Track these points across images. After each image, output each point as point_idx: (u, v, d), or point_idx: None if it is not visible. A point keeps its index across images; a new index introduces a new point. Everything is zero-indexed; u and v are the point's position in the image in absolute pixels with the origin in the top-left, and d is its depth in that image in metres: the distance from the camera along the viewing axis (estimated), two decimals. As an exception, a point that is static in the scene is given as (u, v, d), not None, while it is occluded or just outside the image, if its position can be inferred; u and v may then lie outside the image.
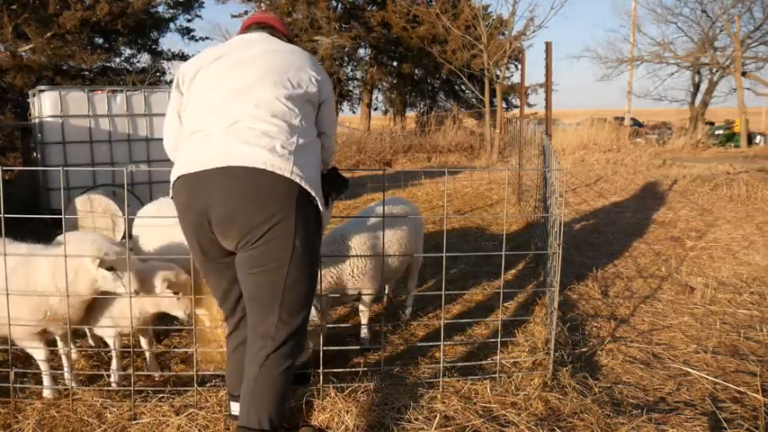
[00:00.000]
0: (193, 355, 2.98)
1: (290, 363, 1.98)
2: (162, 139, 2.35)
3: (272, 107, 1.97)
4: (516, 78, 21.05)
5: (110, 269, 2.68)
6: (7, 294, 2.65)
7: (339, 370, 3.00)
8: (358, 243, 3.42)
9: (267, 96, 1.98)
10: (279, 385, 1.97)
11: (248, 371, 2.00)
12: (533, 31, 17.67)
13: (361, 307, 3.63)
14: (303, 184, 1.94)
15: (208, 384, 2.84)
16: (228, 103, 1.99)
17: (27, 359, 3.29)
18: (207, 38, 20.41)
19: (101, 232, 4.32)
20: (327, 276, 3.28)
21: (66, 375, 2.95)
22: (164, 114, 2.69)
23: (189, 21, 19.03)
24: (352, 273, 3.36)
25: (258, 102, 1.97)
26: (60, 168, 2.68)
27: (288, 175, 1.90)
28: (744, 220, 7.12)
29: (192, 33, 18.77)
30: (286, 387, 2.00)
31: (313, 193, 1.98)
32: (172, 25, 18.08)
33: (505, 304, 4.39)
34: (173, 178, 2.05)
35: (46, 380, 2.88)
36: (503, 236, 3.01)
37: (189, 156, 2.00)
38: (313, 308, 3.05)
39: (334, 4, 21.65)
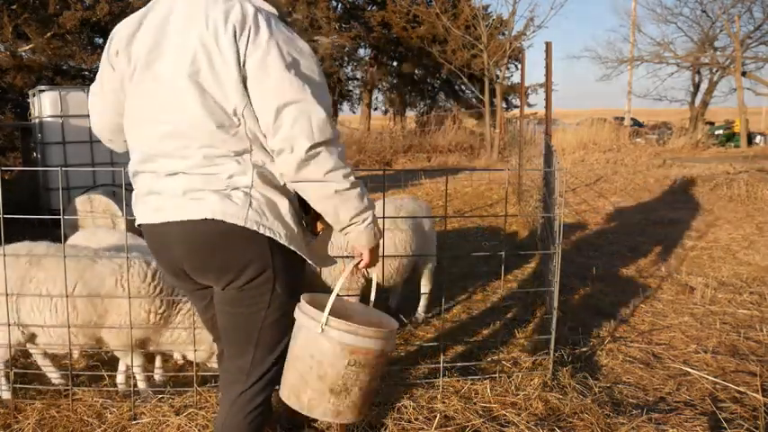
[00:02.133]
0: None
1: (263, 398, 1.84)
2: None
3: (206, 140, 1.64)
4: (516, 78, 21.07)
5: None
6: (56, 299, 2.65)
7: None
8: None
9: (198, 133, 1.64)
10: (247, 427, 1.82)
11: (223, 402, 1.86)
12: (533, 31, 17.69)
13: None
14: (262, 231, 1.65)
15: (208, 385, 2.84)
16: (164, 140, 1.69)
17: (27, 359, 3.29)
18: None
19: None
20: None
21: (155, 376, 3.07)
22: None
23: (189, 21, 19.00)
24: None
25: (189, 140, 1.65)
26: (60, 168, 2.68)
27: (242, 224, 1.63)
28: (744, 220, 7.12)
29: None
30: (258, 425, 1.84)
31: (283, 242, 1.69)
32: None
33: (505, 304, 4.39)
34: (136, 217, 1.83)
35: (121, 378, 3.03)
36: (503, 236, 3.01)
37: (143, 199, 1.77)
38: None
39: (334, 4, 21.66)
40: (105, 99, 1.85)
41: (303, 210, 1.79)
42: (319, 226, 1.84)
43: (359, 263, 1.86)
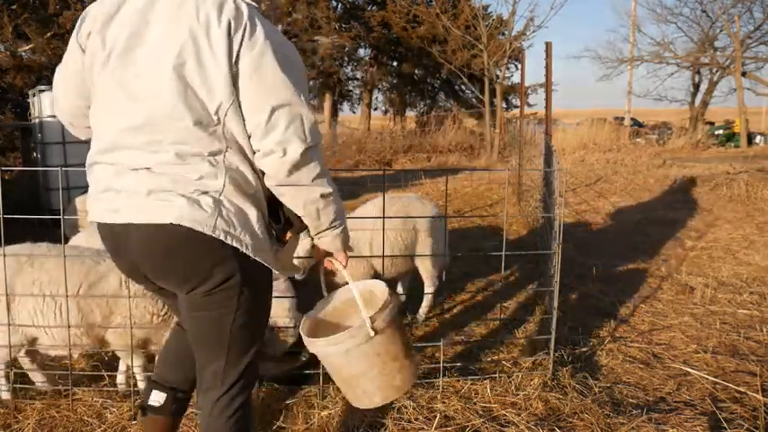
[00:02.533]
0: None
1: (242, 401, 1.79)
2: None
3: (181, 136, 1.58)
4: (516, 78, 21.09)
5: None
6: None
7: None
8: None
9: (173, 127, 1.58)
10: (230, 430, 1.77)
11: (203, 410, 1.81)
12: (533, 31, 17.69)
13: None
14: (230, 241, 1.59)
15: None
16: (133, 132, 1.61)
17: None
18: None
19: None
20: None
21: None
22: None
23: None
24: None
25: (162, 135, 1.59)
26: (60, 168, 2.68)
27: (210, 232, 1.56)
28: (744, 220, 7.12)
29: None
30: (241, 427, 1.80)
31: (249, 252, 1.63)
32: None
33: (505, 304, 4.39)
34: (90, 214, 1.74)
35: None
36: (503, 236, 3.01)
37: (100, 196, 1.68)
38: (287, 312, 3.08)
39: (334, 4, 21.67)
40: (68, 80, 1.77)
41: (273, 219, 1.75)
42: (289, 235, 1.80)
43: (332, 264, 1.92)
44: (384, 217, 2.95)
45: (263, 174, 1.66)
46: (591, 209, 8.18)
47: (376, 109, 24.92)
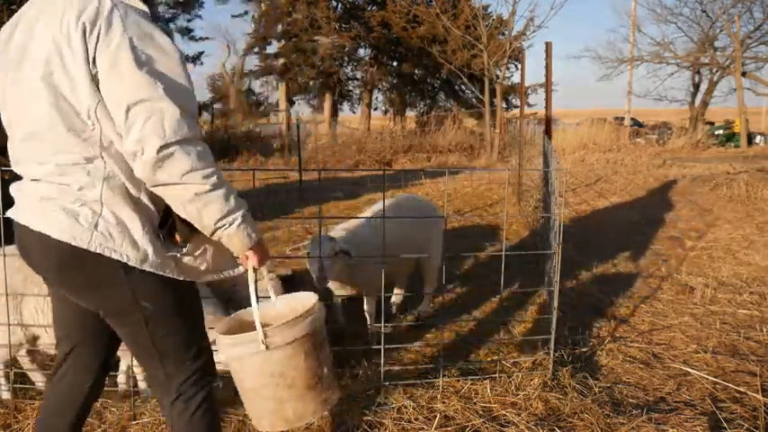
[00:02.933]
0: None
1: (200, 398, 1.76)
2: None
3: (59, 146, 1.58)
4: (516, 78, 21.09)
5: None
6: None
7: (339, 370, 3.00)
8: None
9: (51, 137, 1.59)
10: (195, 427, 1.76)
11: (166, 417, 1.83)
12: (533, 31, 17.70)
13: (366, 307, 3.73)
14: (108, 254, 1.56)
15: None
16: (24, 144, 1.66)
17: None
18: (207, 38, 20.51)
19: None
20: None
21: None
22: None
23: (189, 21, 19.13)
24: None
25: (45, 145, 1.60)
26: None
27: (85, 246, 1.55)
28: (744, 220, 7.12)
29: (191, 33, 18.82)
30: (207, 423, 1.78)
31: (133, 264, 1.58)
32: (172, 25, 18.13)
33: (505, 304, 4.39)
34: None
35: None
36: (503, 236, 3.01)
37: (16, 195, 1.72)
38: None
39: (334, 4, 21.69)
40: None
41: (160, 223, 1.66)
42: (178, 237, 1.67)
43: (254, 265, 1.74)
44: (384, 217, 2.95)
45: None
46: (591, 209, 8.18)
47: (376, 109, 24.97)
